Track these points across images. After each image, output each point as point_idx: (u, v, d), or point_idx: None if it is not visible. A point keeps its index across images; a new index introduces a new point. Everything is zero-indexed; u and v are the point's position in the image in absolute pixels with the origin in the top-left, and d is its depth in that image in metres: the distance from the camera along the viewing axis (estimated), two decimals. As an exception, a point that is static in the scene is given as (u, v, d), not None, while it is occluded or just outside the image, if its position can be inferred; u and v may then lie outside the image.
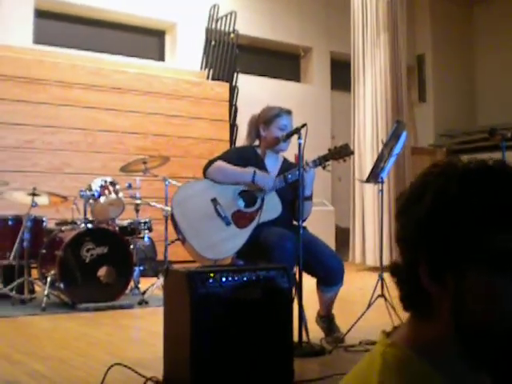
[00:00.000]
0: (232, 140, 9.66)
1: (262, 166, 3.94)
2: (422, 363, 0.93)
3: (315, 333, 3.91)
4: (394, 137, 4.21)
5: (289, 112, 4.04)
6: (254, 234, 3.75)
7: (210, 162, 3.89)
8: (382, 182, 4.26)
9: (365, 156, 8.82)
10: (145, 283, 6.19)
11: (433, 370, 0.93)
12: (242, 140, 4.48)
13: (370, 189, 8.66)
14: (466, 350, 0.94)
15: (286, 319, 3.08)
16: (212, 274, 2.89)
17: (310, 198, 3.90)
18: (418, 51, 12.01)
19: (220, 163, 3.86)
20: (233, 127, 9.70)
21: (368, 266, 8.72)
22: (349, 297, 5.72)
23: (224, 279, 2.91)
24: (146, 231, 6.28)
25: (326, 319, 3.99)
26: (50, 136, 8.21)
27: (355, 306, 5.20)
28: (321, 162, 3.91)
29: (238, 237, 3.74)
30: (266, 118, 4.00)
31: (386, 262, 6.44)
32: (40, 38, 9.01)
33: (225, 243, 3.70)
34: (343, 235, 9.84)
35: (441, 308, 0.95)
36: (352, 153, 3.95)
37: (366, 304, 4.23)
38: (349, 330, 3.97)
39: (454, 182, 0.95)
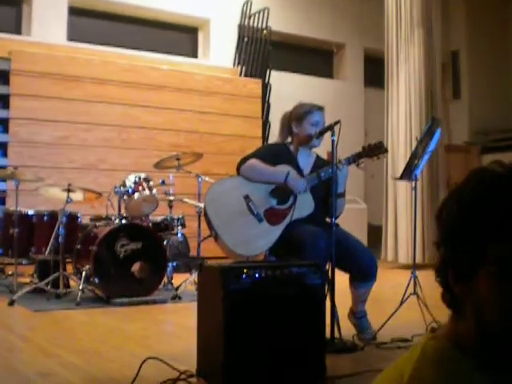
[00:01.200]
0: (264, 137, 9.67)
1: (294, 163, 3.93)
2: (456, 353, 0.98)
3: (347, 330, 3.90)
4: (428, 134, 4.17)
5: (321, 108, 4.03)
6: (287, 232, 3.74)
7: (244, 160, 3.88)
8: (416, 180, 4.22)
9: (398, 153, 8.76)
10: (178, 279, 6.24)
11: (465, 361, 0.98)
12: (274, 137, 4.49)
13: (403, 186, 8.61)
14: (487, 346, 0.99)
15: (318, 315, 3.09)
16: (245, 270, 2.91)
17: (342, 195, 3.89)
18: (453, 47, 11.88)
19: (254, 161, 3.85)
20: (265, 124, 9.71)
21: (400, 264, 8.66)
22: (381, 295, 5.69)
23: (257, 275, 2.93)
24: (180, 227, 6.33)
25: (358, 316, 3.98)
26: (84, 133, 8.32)
27: (387, 304, 5.17)
28: (354, 159, 3.90)
29: (271, 234, 3.74)
30: (297, 115, 4.00)
31: (418, 260, 6.41)
32: (74, 35, 9.13)
33: (257, 240, 3.71)
34: (376, 233, 9.80)
35: (467, 307, 1.01)
36: (386, 151, 3.93)
37: (398, 302, 4.21)
38: (381, 327, 3.96)
39: (469, 189, 1.00)
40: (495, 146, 10.99)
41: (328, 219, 3.80)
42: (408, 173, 4.26)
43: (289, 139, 4.11)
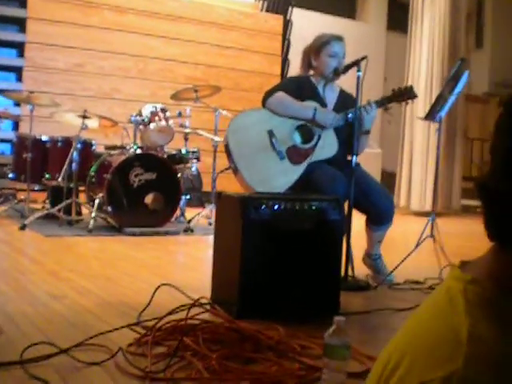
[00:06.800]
0: (283, 75, 9.53)
1: (318, 97, 3.83)
2: (510, 301, 0.77)
3: (361, 270, 3.89)
4: (456, 75, 4.07)
5: (339, 38, 3.88)
6: (307, 172, 3.67)
7: (270, 92, 3.77)
8: (440, 121, 4.13)
9: (417, 100, 8.60)
10: (190, 213, 6.22)
11: None
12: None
13: (420, 133, 8.55)
14: None
15: (335, 251, 3.05)
16: (265, 201, 2.87)
17: (367, 132, 3.80)
18: (479, -5, 11.60)
19: (281, 94, 3.74)
20: (285, 62, 9.56)
21: (412, 211, 8.64)
22: (393, 240, 5.66)
23: (276, 207, 2.88)
24: (194, 161, 6.27)
25: (374, 258, 3.94)
26: (101, 61, 8.21)
27: (399, 248, 5.15)
28: (383, 102, 3.81)
29: (291, 173, 3.66)
30: (315, 47, 3.87)
31: (428, 207, 6.32)
32: (94, -39, 8.91)
33: (277, 178, 3.63)
34: (389, 179, 9.74)
35: None
36: (416, 96, 3.81)
37: (410, 247, 4.18)
38: (395, 268, 3.94)
39: None
40: (515, 98, 10.79)
41: (349, 157, 3.73)
42: (433, 113, 4.16)
43: (311, 72, 3.99)
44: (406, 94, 3.80)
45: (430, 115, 4.17)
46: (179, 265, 4.56)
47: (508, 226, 0.80)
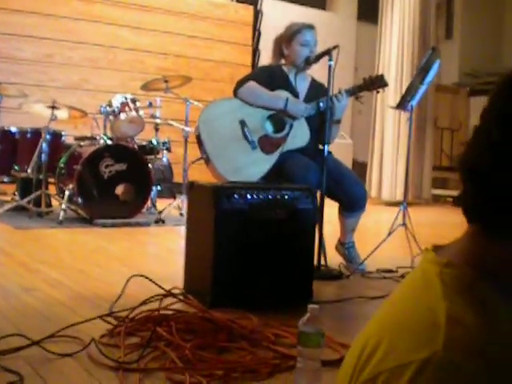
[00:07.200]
0: (254, 65, 9.50)
1: (289, 86, 3.83)
2: (487, 286, 0.76)
3: (334, 259, 3.90)
4: (426, 64, 4.09)
5: (311, 27, 3.91)
6: (280, 161, 3.68)
7: (242, 82, 3.77)
8: (412, 111, 4.15)
9: (388, 90, 8.66)
10: (161, 203, 6.19)
11: (501, 296, 0.76)
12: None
13: (390, 123, 8.58)
14: None
15: (308, 240, 3.06)
16: (237, 190, 2.86)
17: (338, 121, 3.81)
18: (449, -14, 11.66)
19: (253, 84, 3.74)
20: (255, 52, 9.53)
21: (384, 201, 8.69)
22: (364, 229, 5.69)
23: (249, 196, 2.87)
24: (165, 151, 6.24)
25: (347, 246, 3.96)
26: (70, 51, 8.11)
27: (371, 238, 5.18)
28: (354, 91, 3.82)
29: (263, 162, 3.67)
30: (287, 36, 3.89)
31: (402, 197, 6.39)
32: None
33: (249, 168, 3.64)
34: (360, 169, 9.77)
35: None
36: (386, 84, 3.85)
37: (381, 236, 4.21)
38: (367, 257, 3.96)
39: None
40: (484, 88, 10.89)
41: (321, 146, 3.73)
42: (404, 103, 4.18)
43: (282, 61, 3.99)
44: (376, 83, 3.82)
45: (401, 104, 4.19)
46: (151, 256, 4.53)
47: (492, 210, 0.78)
